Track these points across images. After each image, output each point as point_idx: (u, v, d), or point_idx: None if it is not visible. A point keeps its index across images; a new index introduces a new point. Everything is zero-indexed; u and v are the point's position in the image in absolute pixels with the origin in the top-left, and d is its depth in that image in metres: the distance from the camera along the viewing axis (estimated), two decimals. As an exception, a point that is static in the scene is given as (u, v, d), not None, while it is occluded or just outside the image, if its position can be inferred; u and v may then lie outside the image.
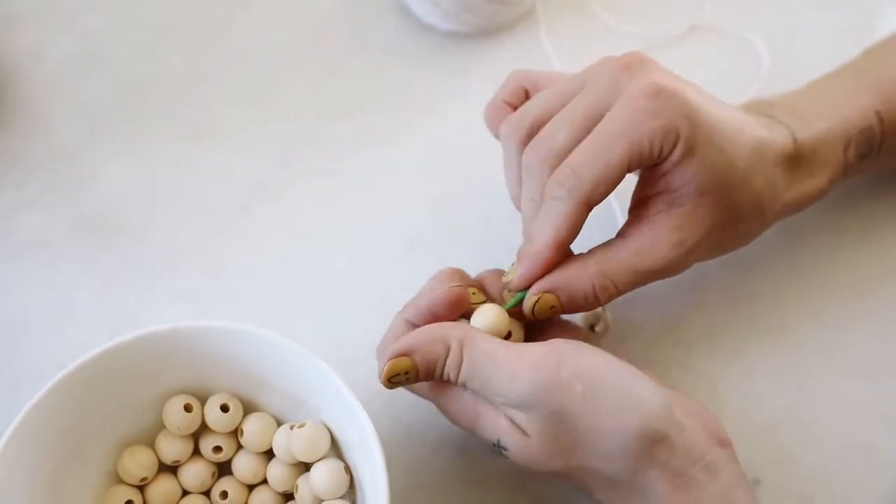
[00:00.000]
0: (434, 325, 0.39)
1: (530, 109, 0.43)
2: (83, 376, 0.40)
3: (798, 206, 0.45)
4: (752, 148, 0.42)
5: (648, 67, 0.40)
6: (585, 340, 0.40)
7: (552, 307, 0.40)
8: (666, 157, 0.40)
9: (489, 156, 0.52)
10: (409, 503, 0.44)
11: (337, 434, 0.42)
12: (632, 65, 0.40)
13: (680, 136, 0.39)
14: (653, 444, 0.36)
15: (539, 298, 0.40)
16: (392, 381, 0.39)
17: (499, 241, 0.50)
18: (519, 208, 0.44)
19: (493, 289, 0.43)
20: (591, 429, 0.36)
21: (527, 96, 0.46)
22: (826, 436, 0.46)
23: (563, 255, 0.41)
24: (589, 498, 0.39)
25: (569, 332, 0.43)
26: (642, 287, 0.42)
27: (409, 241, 0.52)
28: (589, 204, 0.40)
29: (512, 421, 0.38)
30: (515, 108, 0.46)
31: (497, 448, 0.38)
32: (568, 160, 0.40)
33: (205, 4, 0.60)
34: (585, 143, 0.40)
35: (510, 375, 0.37)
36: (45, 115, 0.56)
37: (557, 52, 0.57)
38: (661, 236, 0.41)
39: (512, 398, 0.37)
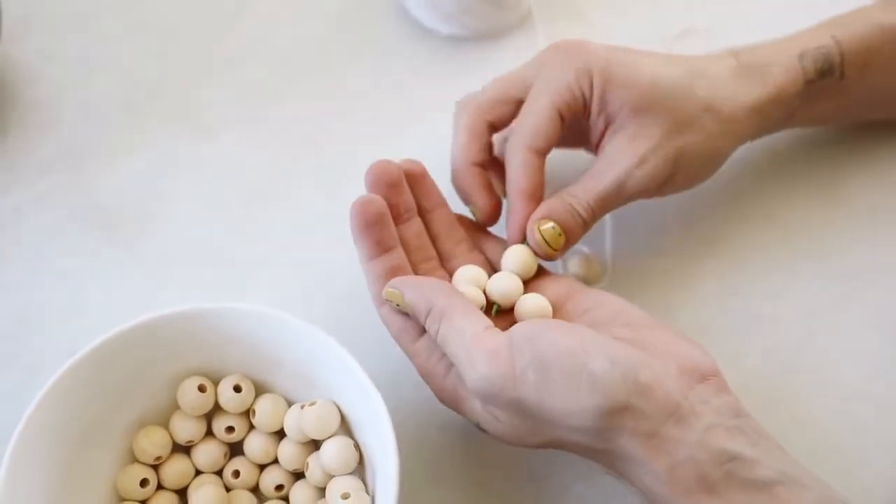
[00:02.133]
0: (428, 283, 0.41)
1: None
2: (99, 358, 0.41)
3: (763, 112, 0.47)
4: (685, 68, 0.46)
5: (564, 40, 0.47)
6: (577, 293, 0.43)
7: (553, 228, 0.44)
8: (591, 95, 0.45)
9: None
10: (415, 481, 0.45)
11: (346, 412, 0.43)
12: (559, 45, 0.47)
13: (594, 72, 0.45)
14: (614, 416, 0.36)
15: (539, 227, 0.43)
16: (386, 298, 0.42)
17: (497, 234, 0.52)
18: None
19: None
20: (550, 412, 0.36)
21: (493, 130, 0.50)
22: (817, 417, 0.47)
23: (535, 204, 0.45)
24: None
25: (563, 284, 0.45)
26: (635, 275, 0.46)
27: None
28: (534, 150, 0.45)
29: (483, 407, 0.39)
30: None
31: (480, 428, 0.41)
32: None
33: (210, 9, 0.62)
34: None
35: (470, 364, 0.38)
36: (56, 115, 0.58)
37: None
38: (613, 155, 0.45)
39: (471, 386, 0.38)
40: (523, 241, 0.45)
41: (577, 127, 0.47)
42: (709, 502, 0.35)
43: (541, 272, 0.46)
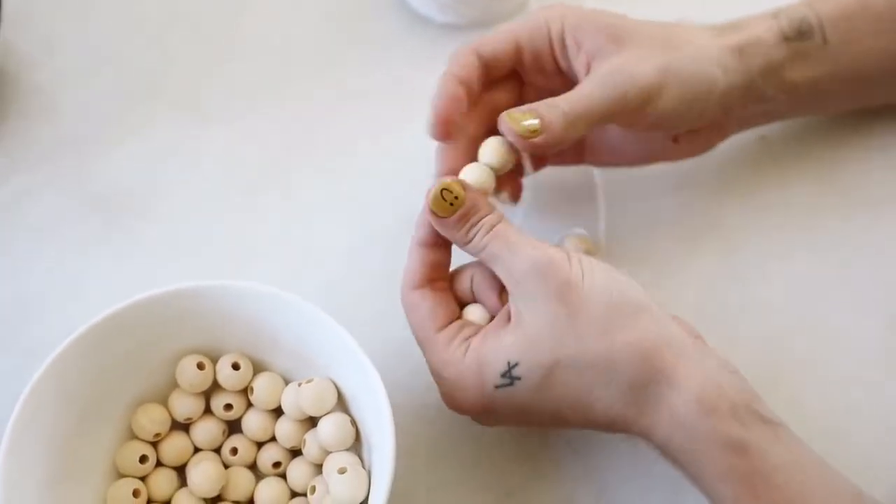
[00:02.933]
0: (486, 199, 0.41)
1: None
2: (98, 336, 0.42)
3: (746, 54, 0.47)
4: (660, 24, 0.47)
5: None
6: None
7: (524, 115, 0.42)
8: (562, 30, 0.45)
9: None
10: (411, 460, 0.46)
11: (343, 389, 0.43)
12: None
13: (565, 13, 0.45)
14: (646, 313, 0.39)
15: (509, 115, 0.42)
16: (443, 192, 0.41)
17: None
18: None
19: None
20: (594, 304, 0.38)
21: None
22: (810, 402, 0.48)
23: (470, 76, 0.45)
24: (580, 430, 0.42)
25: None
26: (627, 260, 0.47)
27: (407, 222, 0.54)
28: (474, 51, 0.45)
29: (518, 316, 0.39)
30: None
31: (508, 376, 0.39)
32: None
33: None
34: None
35: (528, 248, 0.39)
36: (57, 104, 0.58)
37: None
38: (599, 70, 0.44)
39: (524, 267, 0.39)
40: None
41: (536, 66, 0.47)
42: (735, 428, 0.37)
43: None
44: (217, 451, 0.45)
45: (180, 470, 0.45)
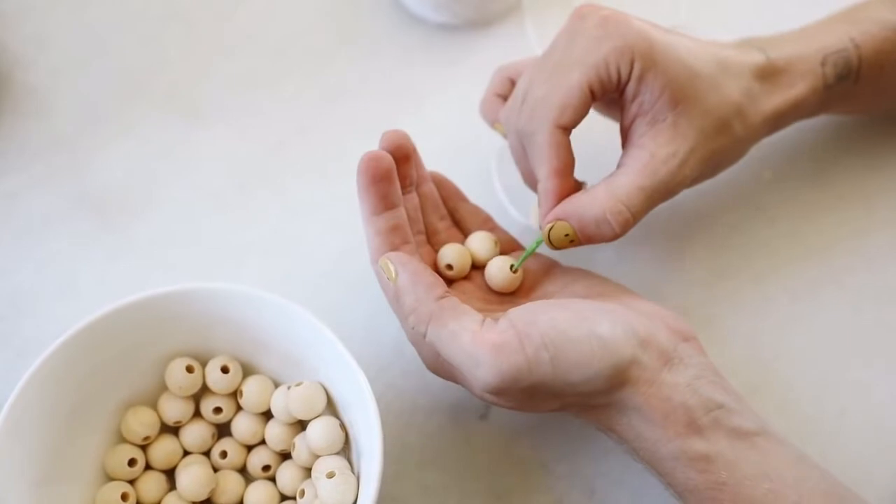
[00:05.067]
0: (423, 277, 0.40)
1: (517, 88, 0.46)
2: (87, 338, 0.42)
3: (782, 117, 0.46)
4: (717, 61, 0.44)
5: (599, 8, 0.43)
6: (554, 269, 0.44)
7: (567, 235, 0.42)
8: (629, 78, 0.42)
9: (477, 142, 0.54)
10: (400, 465, 0.46)
11: (333, 393, 0.43)
12: (584, 12, 0.43)
13: (635, 53, 0.42)
14: (625, 371, 0.37)
15: (553, 226, 0.42)
16: (381, 267, 0.41)
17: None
18: (532, 187, 0.46)
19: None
20: (566, 384, 0.37)
21: (513, 86, 0.49)
22: (800, 401, 0.48)
23: (568, 183, 0.43)
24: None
25: (540, 262, 0.46)
26: (621, 258, 0.45)
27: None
28: (561, 126, 0.42)
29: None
30: (506, 99, 0.49)
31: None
32: (530, 98, 0.43)
33: (203, -2, 0.63)
34: (545, 77, 0.43)
35: (475, 364, 0.37)
36: (50, 101, 0.58)
37: (542, 45, 0.59)
38: (653, 153, 0.42)
39: (481, 386, 0.37)
40: None
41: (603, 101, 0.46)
42: (697, 444, 0.37)
43: (519, 251, 0.47)
44: (206, 454, 0.45)
45: (169, 473, 0.45)
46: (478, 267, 0.46)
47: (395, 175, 0.42)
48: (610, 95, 0.43)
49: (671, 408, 0.37)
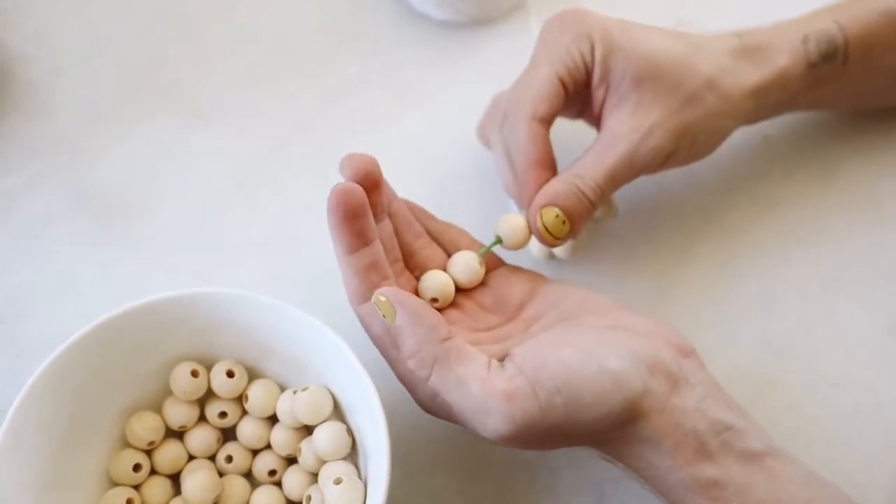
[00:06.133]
0: (423, 319, 0.37)
1: (494, 99, 0.49)
2: (91, 343, 0.41)
3: (765, 92, 0.46)
4: (687, 43, 0.45)
5: (561, 11, 0.46)
6: (544, 286, 0.43)
7: (557, 216, 0.42)
8: (592, 62, 0.44)
9: (478, 141, 0.54)
10: (408, 468, 0.46)
11: (339, 397, 0.43)
12: (559, 15, 0.46)
13: (594, 38, 0.44)
14: (637, 403, 0.36)
15: (542, 215, 0.42)
16: (375, 304, 0.38)
17: (489, 222, 0.52)
18: (514, 197, 0.46)
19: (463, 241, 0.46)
20: (581, 424, 0.36)
21: None
22: (807, 403, 0.48)
23: (547, 175, 0.44)
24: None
25: (529, 279, 0.45)
26: (626, 259, 0.46)
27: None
28: (538, 118, 0.44)
29: None
30: None
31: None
32: (507, 101, 0.45)
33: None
34: (519, 80, 0.46)
35: (486, 413, 0.36)
36: (49, 100, 0.57)
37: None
38: (617, 129, 0.44)
39: (493, 435, 0.36)
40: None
41: (576, 96, 0.46)
42: (708, 469, 0.36)
43: (508, 267, 0.46)
44: (212, 458, 0.45)
45: (174, 478, 0.44)
46: (461, 289, 0.44)
47: (368, 208, 0.40)
48: (580, 85, 0.45)
49: (682, 434, 0.36)
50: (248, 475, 0.45)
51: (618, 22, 0.45)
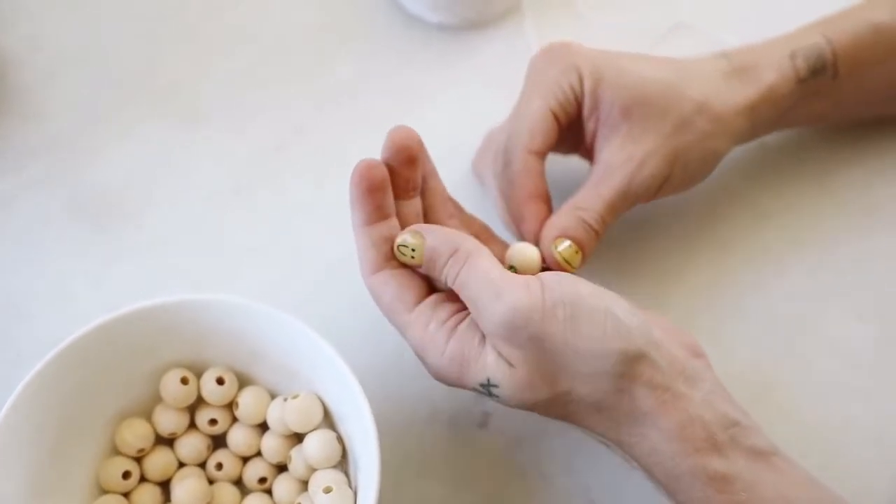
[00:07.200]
0: (453, 231, 0.40)
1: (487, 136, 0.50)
2: (81, 349, 0.41)
3: (756, 110, 0.47)
4: (675, 69, 0.46)
5: (548, 46, 0.47)
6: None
7: (571, 248, 0.43)
8: (582, 94, 0.45)
9: (476, 143, 0.54)
10: (399, 475, 0.46)
11: (330, 405, 0.43)
12: (546, 49, 0.47)
13: (582, 70, 0.45)
14: (635, 363, 0.36)
15: (557, 245, 0.43)
16: (399, 248, 0.40)
17: (488, 224, 0.52)
18: (513, 230, 0.47)
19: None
20: (574, 352, 0.36)
21: None
22: (804, 410, 0.47)
23: (545, 207, 0.45)
24: (577, 429, 0.40)
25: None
26: (625, 267, 0.46)
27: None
28: (533, 152, 0.45)
29: (498, 353, 0.38)
30: None
31: (486, 390, 0.38)
32: (502, 137, 0.47)
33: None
34: (512, 115, 0.47)
35: (496, 294, 0.37)
36: (44, 103, 0.57)
37: (541, 46, 0.59)
38: (610, 160, 0.45)
39: (495, 319, 0.37)
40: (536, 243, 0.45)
41: (569, 130, 0.47)
42: (716, 462, 0.36)
43: None
44: (202, 466, 0.45)
45: (164, 485, 0.44)
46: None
47: (389, 185, 0.40)
48: (572, 117, 0.46)
49: (688, 419, 0.36)
50: (239, 483, 0.45)
51: (604, 53, 0.46)
